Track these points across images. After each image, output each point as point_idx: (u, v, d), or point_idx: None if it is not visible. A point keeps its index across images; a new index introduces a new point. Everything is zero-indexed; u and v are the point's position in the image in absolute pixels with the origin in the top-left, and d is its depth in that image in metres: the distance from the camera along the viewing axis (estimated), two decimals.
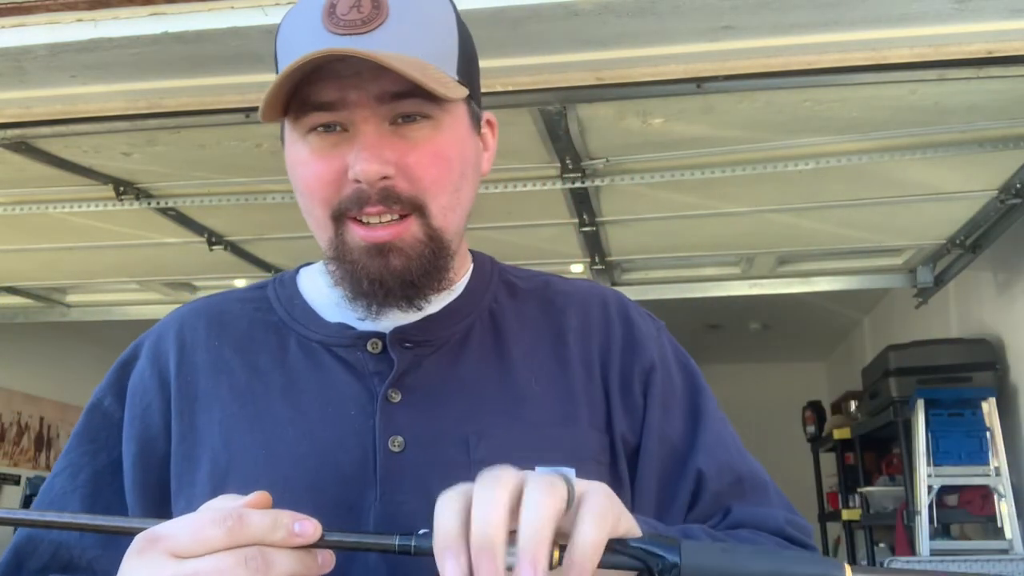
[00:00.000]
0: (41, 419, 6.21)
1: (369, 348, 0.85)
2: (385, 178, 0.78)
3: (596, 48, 2.04)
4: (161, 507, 0.84)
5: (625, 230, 3.37)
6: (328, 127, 0.79)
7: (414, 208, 0.79)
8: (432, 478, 0.78)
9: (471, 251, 0.96)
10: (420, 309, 0.84)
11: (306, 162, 0.81)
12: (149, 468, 0.85)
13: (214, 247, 3.41)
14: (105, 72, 2.11)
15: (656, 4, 1.84)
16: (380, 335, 0.85)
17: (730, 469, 0.89)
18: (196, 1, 1.88)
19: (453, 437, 0.81)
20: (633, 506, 0.84)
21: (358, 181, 0.78)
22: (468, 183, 0.84)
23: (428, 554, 0.59)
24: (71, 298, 4.41)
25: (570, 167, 2.68)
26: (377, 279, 0.80)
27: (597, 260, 3.62)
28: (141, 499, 0.84)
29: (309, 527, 0.61)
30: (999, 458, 3.37)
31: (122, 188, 2.88)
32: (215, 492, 0.76)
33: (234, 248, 3.50)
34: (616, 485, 0.83)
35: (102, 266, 3.85)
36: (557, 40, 1.99)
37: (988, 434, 3.41)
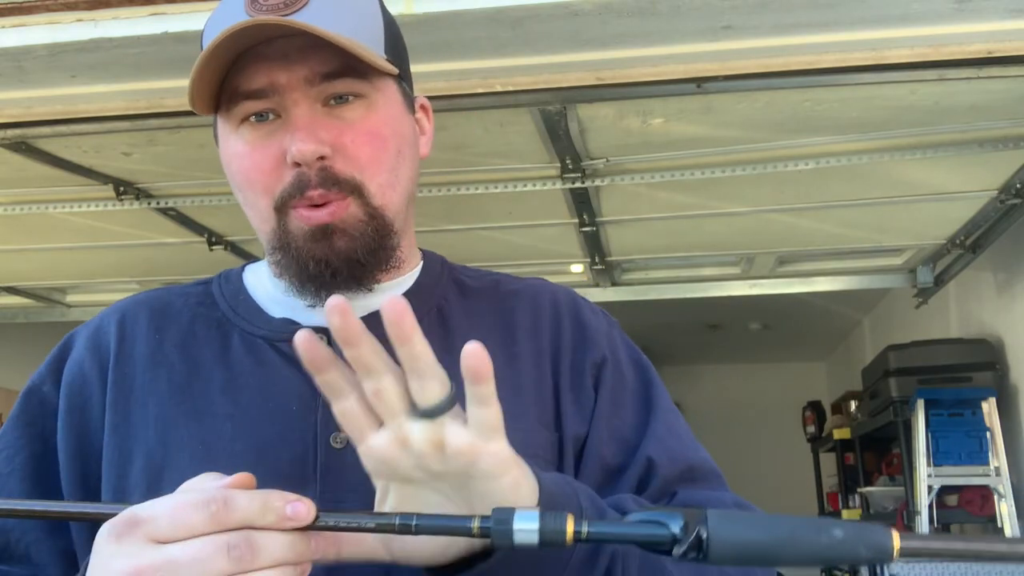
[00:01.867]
0: None
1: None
2: (322, 158, 0.77)
3: (596, 48, 2.04)
4: (98, 499, 0.81)
5: (625, 230, 3.37)
6: (260, 116, 0.79)
7: (352, 189, 0.79)
8: (364, 476, 0.76)
9: (422, 250, 0.95)
10: (370, 290, 0.83)
11: (243, 154, 0.80)
12: (88, 460, 0.82)
13: (214, 247, 3.41)
14: (105, 72, 2.11)
15: (656, 4, 1.84)
16: (325, 330, 0.83)
17: (682, 458, 0.87)
18: (196, 1, 1.88)
19: None
20: None
21: (297, 164, 0.77)
22: (406, 162, 0.84)
23: (431, 532, 0.58)
24: (71, 298, 4.41)
25: (570, 167, 2.68)
26: (323, 260, 0.79)
27: (597, 260, 3.62)
28: (80, 493, 0.81)
29: (303, 508, 0.57)
30: (999, 458, 3.37)
31: (122, 188, 2.88)
32: (149, 488, 0.76)
33: (234, 248, 3.50)
34: None
35: (102, 266, 3.85)
36: (557, 40, 1.99)
37: (988, 434, 3.41)
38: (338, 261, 0.79)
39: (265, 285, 0.89)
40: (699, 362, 6.96)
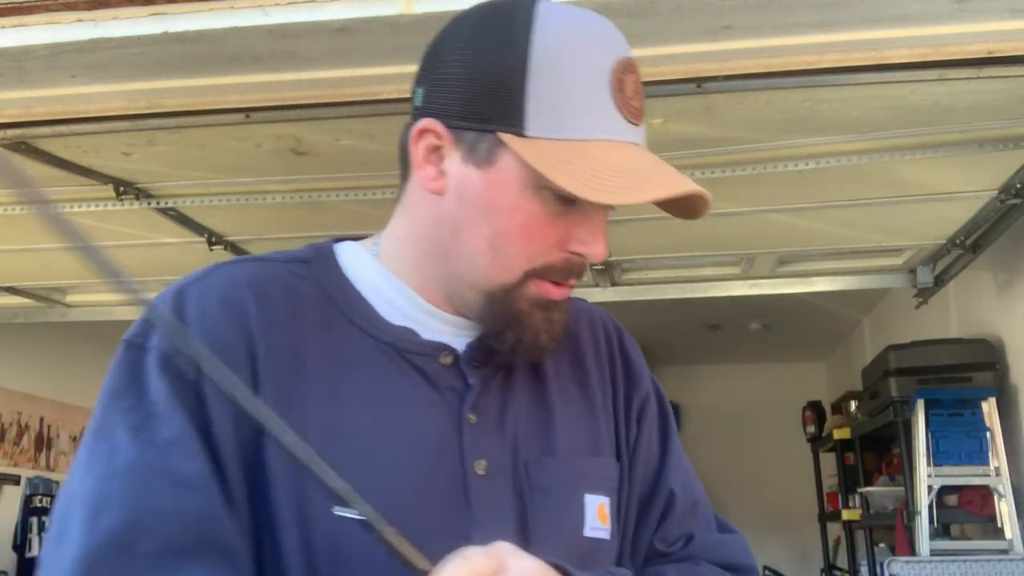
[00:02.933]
0: (41, 419, 6.20)
1: (441, 360, 0.83)
2: None
3: None
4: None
5: (625, 230, 3.36)
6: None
7: None
8: (507, 505, 0.80)
9: None
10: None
11: (536, 218, 0.78)
12: (244, 466, 0.75)
13: (214, 247, 3.41)
14: (105, 72, 2.11)
15: (656, 4, 1.84)
16: (449, 348, 0.84)
17: (691, 492, 0.92)
18: (196, 1, 1.88)
19: (515, 463, 0.82)
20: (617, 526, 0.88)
21: (580, 255, 0.80)
22: None
23: None
24: (71, 298, 4.41)
25: None
26: (549, 332, 0.81)
27: None
28: (241, 502, 0.75)
29: None
30: (999, 458, 3.37)
31: (122, 188, 2.88)
32: (294, 498, 0.74)
33: (234, 248, 3.50)
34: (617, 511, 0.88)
35: None
36: None
37: (988, 434, 3.40)
38: (556, 329, 0.83)
39: (373, 281, 0.85)
40: (699, 362, 6.96)
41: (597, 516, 0.84)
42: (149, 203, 2.97)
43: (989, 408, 3.44)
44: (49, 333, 5.60)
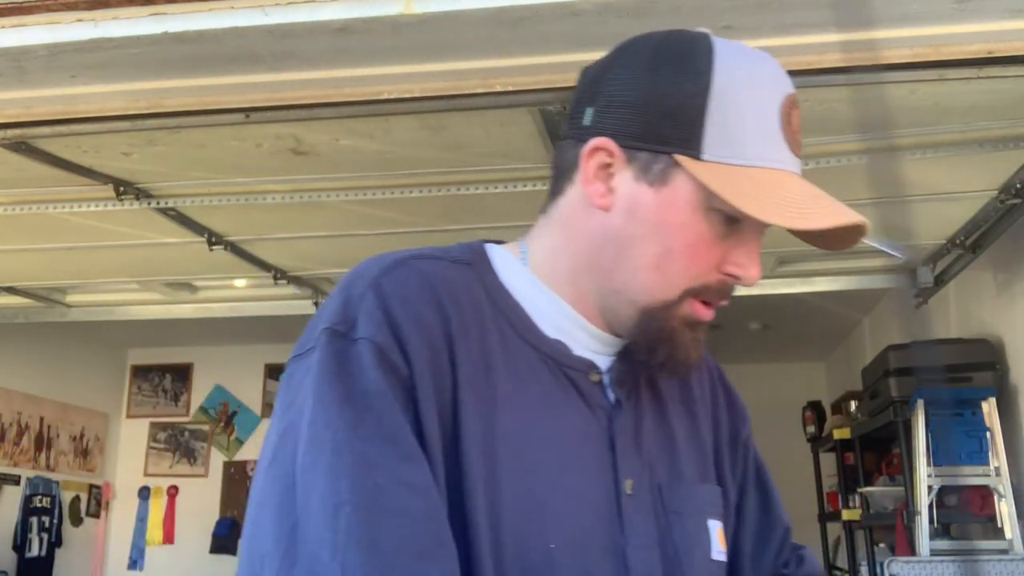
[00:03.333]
0: (41, 419, 6.21)
1: (591, 377, 0.85)
2: None
3: (596, 48, 2.03)
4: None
5: None
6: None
7: None
8: (651, 525, 0.84)
9: None
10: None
11: (704, 238, 0.81)
12: (446, 467, 0.76)
13: (214, 247, 3.40)
14: (105, 72, 2.11)
15: (656, 4, 1.84)
16: (595, 366, 0.86)
17: (788, 520, 1.01)
18: (196, 1, 1.88)
19: (652, 484, 0.86)
20: (730, 557, 0.93)
21: (734, 277, 0.83)
22: None
23: None
24: (71, 298, 4.41)
25: None
26: (695, 350, 0.86)
27: None
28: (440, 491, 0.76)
29: None
30: (999, 458, 3.36)
31: (122, 188, 2.88)
32: (487, 502, 0.76)
33: (234, 248, 3.50)
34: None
35: (102, 266, 3.85)
36: (557, 40, 1.99)
37: (988, 434, 3.40)
38: (700, 348, 0.87)
39: (526, 290, 0.87)
40: None
41: (718, 540, 0.90)
42: (149, 203, 2.97)
43: (989, 408, 3.44)
44: (49, 333, 5.61)
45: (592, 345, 0.86)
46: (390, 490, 0.70)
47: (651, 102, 0.81)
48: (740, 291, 0.89)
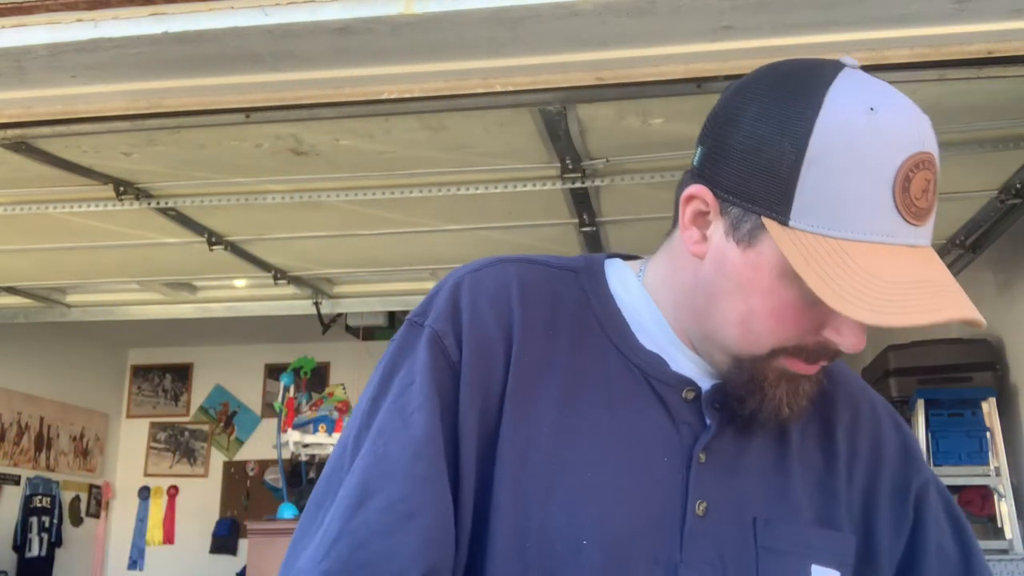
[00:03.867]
0: (41, 419, 6.21)
1: (684, 395, 0.83)
2: None
3: (596, 48, 2.04)
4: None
5: (625, 230, 3.37)
6: None
7: None
8: (725, 552, 0.80)
9: None
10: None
11: (789, 304, 0.76)
12: (478, 451, 0.79)
13: (214, 247, 3.41)
14: (105, 72, 2.11)
15: (656, 4, 1.84)
16: (694, 385, 0.84)
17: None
18: (196, 1, 1.88)
19: (742, 515, 0.82)
20: None
21: (836, 348, 0.77)
22: None
23: None
24: (71, 298, 4.41)
25: (570, 167, 2.68)
26: (793, 403, 0.80)
27: None
28: (467, 486, 0.78)
29: None
30: (999, 458, 3.37)
31: (122, 188, 2.88)
32: (515, 486, 0.77)
33: (234, 248, 3.50)
34: None
35: (102, 266, 3.85)
36: (557, 40, 1.99)
37: (988, 434, 3.41)
38: (802, 400, 0.81)
39: (635, 303, 0.87)
40: None
41: None
42: (149, 203, 2.97)
43: (989, 408, 3.44)
44: (49, 333, 5.61)
45: (692, 367, 0.84)
46: (397, 457, 0.76)
47: (748, 154, 0.75)
48: None
